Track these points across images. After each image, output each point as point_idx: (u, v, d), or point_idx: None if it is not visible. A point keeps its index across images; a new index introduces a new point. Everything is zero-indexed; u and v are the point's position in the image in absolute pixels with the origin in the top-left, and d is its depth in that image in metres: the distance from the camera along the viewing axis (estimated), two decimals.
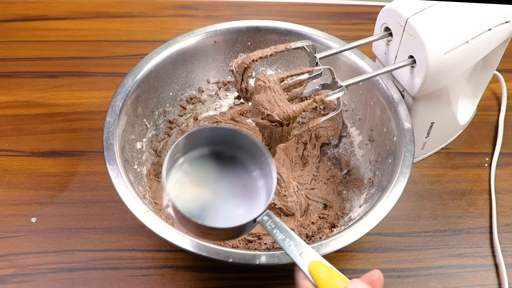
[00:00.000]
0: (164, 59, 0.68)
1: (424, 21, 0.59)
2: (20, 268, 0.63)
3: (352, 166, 0.70)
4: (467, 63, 0.63)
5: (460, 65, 0.61)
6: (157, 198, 0.66)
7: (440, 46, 0.58)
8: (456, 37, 0.59)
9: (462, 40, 0.59)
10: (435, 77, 0.60)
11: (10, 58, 0.87)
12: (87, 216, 0.68)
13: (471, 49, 0.60)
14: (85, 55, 0.88)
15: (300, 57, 0.73)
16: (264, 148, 0.49)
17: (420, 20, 0.59)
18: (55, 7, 0.96)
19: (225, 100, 0.76)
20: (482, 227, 0.69)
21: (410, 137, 0.60)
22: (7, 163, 0.74)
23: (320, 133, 0.74)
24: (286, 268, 0.49)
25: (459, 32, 0.59)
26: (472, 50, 0.61)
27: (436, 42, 0.58)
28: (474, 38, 0.59)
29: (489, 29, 0.60)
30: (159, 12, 0.97)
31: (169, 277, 0.63)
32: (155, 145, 0.70)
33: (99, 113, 0.79)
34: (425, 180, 0.74)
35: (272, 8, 1.00)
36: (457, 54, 0.59)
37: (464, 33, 0.59)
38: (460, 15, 0.60)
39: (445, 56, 0.58)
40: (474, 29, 0.60)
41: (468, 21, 0.60)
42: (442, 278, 0.64)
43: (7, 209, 0.69)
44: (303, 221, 0.64)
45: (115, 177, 0.56)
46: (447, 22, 0.59)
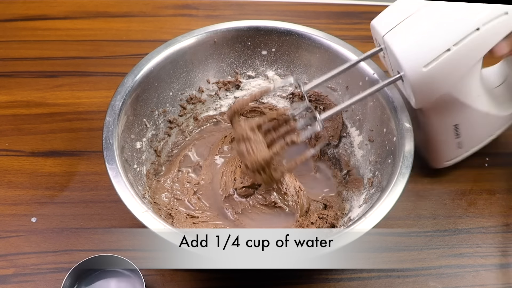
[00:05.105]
0: (164, 59, 0.68)
1: (398, 36, 0.56)
2: (20, 268, 0.63)
3: (352, 166, 0.70)
4: (460, 69, 0.58)
5: (450, 73, 0.57)
6: (156, 198, 0.66)
7: (417, 60, 0.55)
8: (434, 47, 0.55)
9: (442, 48, 0.54)
10: (426, 90, 0.58)
11: (10, 58, 0.87)
12: (87, 216, 0.68)
13: (459, 55, 0.55)
14: (85, 55, 0.88)
15: (301, 57, 0.73)
16: None
17: (394, 37, 0.56)
18: (55, 6, 0.96)
19: (225, 100, 0.76)
20: (482, 227, 0.69)
21: (410, 137, 0.60)
22: (7, 163, 0.74)
23: (320, 133, 0.73)
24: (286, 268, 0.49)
25: (436, 41, 0.55)
26: (460, 56, 0.56)
27: (412, 57, 0.55)
28: (458, 43, 0.54)
29: (477, 28, 0.54)
30: (159, 12, 0.97)
31: (169, 277, 0.63)
32: (155, 145, 0.70)
33: (99, 113, 0.79)
34: (425, 180, 0.74)
35: (272, 8, 1.00)
36: (440, 64, 0.55)
37: (443, 41, 0.55)
38: (437, 22, 0.55)
39: (426, 69, 0.55)
40: (455, 34, 0.55)
41: (446, 27, 0.55)
42: (442, 278, 0.64)
43: (7, 209, 0.69)
44: (302, 221, 0.64)
45: (114, 177, 0.56)
46: (422, 34, 0.55)
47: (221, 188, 0.68)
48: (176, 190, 0.68)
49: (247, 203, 0.66)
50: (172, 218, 0.64)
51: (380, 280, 0.64)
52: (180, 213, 0.65)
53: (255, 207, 0.66)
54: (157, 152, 0.70)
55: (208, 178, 0.70)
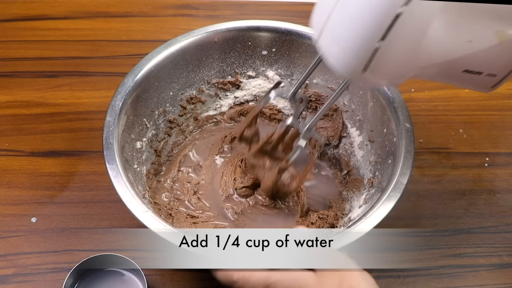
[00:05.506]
0: (164, 58, 0.68)
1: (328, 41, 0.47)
2: (20, 268, 0.63)
3: (352, 166, 0.70)
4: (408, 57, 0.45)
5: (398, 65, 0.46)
6: (156, 198, 0.66)
7: (351, 68, 0.45)
8: (361, 49, 0.43)
9: (369, 48, 0.43)
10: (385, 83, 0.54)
11: (10, 58, 0.87)
12: (87, 216, 0.68)
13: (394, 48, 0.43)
14: (85, 55, 0.88)
15: (301, 57, 0.73)
16: None
17: (324, 42, 0.47)
18: (55, 6, 0.96)
19: (225, 100, 0.76)
20: (482, 227, 0.69)
21: (410, 138, 0.60)
22: (7, 163, 0.74)
23: (320, 133, 0.73)
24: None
25: (361, 42, 0.43)
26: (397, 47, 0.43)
27: (345, 65, 0.46)
28: (385, 37, 0.42)
29: (397, 15, 0.40)
30: (159, 12, 0.97)
31: (169, 277, 0.63)
32: (155, 145, 0.70)
33: (99, 113, 0.79)
34: (425, 180, 0.74)
35: (272, 8, 1.00)
36: (378, 63, 0.44)
37: (366, 40, 0.43)
38: (356, 15, 0.43)
39: (367, 71, 0.45)
40: (376, 29, 0.42)
41: (366, 21, 0.42)
42: (442, 278, 0.64)
43: (7, 209, 0.69)
44: (302, 222, 0.64)
45: (114, 177, 0.56)
46: (345, 33, 0.44)
47: (221, 188, 0.68)
48: (176, 190, 0.68)
49: (247, 203, 0.66)
50: (172, 218, 0.64)
51: (380, 280, 0.64)
52: (180, 213, 0.65)
53: (255, 207, 0.66)
54: (157, 152, 0.70)
55: (208, 178, 0.70)
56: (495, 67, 0.50)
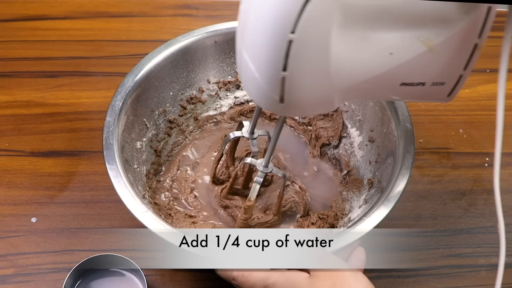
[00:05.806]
0: (164, 58, 0.68)
1: (245, 78, 0.44)
2: (20, 268, 0.63)
3: (352, 166, 0.70)
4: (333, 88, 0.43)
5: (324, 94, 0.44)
6: (156, 198, 0.66)
7: (268, 98, 0.43)
8: (269, 80, 0.41)
9: (276, 78, 0.41)
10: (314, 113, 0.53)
11: (10, 58, 0.87)
12: (87, 216, 0.68)
13: (305, 75, 0.41)
14: (85, 55, 0.88)
15: None
16: None
17: (243, 79, 0.45)
18: (55, 6, 0.96)
19: (225, 100, 0.76)
20: (482, 227, 0.69)
21: (410, 138, 0.60)
22: (7, 163, 0.74)
23: (320, 133, 0.73)
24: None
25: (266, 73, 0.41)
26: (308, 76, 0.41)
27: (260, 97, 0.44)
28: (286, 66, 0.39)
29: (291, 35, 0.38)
30: (159, 12, 0.97)
31: (169, 277, 0.63)
32: (155, 145, 0.70)
33: (99, 113, 0.79)
34: (425, 180, 0.74)
35: None
36: (295, 91, 0.42)
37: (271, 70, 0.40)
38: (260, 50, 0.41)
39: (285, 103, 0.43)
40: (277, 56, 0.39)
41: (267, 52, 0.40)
42: (442, 278, 0.64)
43: (7, 209, 0.69)
44: (302, 222, 0.64)
45: (114, 177, 0.56)
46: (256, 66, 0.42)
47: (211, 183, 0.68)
48: (174, 189, 0.68)
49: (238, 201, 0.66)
50: (172, 218, 0.64)
51: (380, 280, 0.64)
52: (179, 213, 0.65)
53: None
54: (157, 152, 0.70)
55: (204, 175, 0.70)
56: (435, 75, 0.46)
